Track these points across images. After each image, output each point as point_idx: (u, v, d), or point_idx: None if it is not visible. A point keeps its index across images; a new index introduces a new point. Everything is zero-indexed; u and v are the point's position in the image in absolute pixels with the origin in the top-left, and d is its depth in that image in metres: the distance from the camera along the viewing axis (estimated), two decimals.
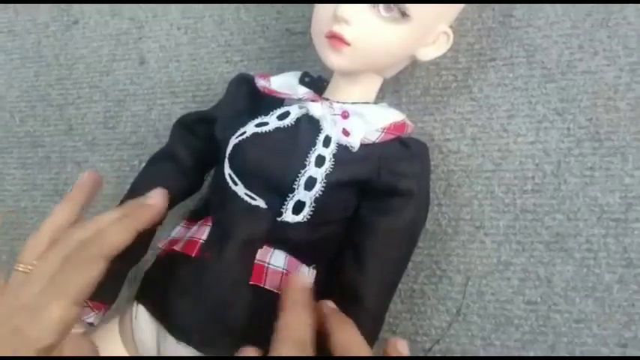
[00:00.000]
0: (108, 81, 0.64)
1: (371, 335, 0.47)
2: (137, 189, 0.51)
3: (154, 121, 0.61)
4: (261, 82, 0.50)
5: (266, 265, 0.45)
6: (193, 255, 0.46)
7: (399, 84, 0.55)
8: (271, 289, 0.45)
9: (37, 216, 0.63)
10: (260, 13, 0.61)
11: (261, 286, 0.45)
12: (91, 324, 0.46)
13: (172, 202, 0.52)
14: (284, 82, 0.50)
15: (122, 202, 0.51)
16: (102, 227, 0.43)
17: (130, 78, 0.63)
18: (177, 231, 0.51)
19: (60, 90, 0.65)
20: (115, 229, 0.43)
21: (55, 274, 0.40)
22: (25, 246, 0.44)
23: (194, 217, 0.50)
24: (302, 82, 0.50)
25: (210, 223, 0.48)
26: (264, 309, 0.45)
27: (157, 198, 0.46)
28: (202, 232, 0.47)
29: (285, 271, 0.46)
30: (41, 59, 0.66)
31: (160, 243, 0.50)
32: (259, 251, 0.46)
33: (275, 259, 0.46)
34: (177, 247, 0.48)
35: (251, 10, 0.61)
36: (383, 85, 0.51)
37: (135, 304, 0.47)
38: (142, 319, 0.46)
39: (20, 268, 0.42)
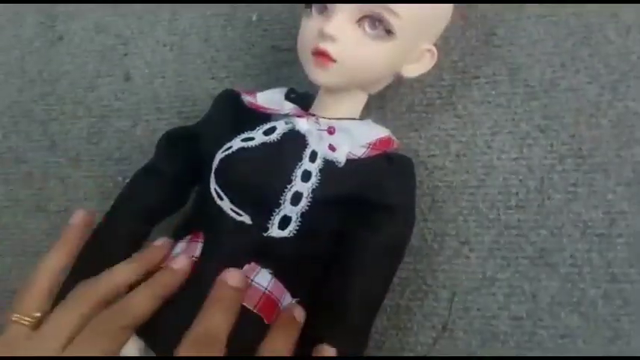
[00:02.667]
0: (92, 97, 0.63)
1: (355, 350, 0.46)
2: (121, 204, 0.51)
3: (138, 137, 0.61)
4: (247, 98, 0.51)
5: (250, 281, 0.45)
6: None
7: (384, 100, 0.56)
8: (247, 306, 0.44)
9: (18, 232, 0.62)
10: (246, 30, 0.61)
11: None
12: None
13: (156, 219, 0.52)
14: (270, 98, 0.50)
15: (106, 216, 0.51)
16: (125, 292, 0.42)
17: (115, 94, 0.63)
18: None
19: (43, 106, 0.65)
20: (143, 298, 0.42)
21: (74, 339, 0.38)
22: (20, 294, 0.42)
23: (178, 232, 0.50)
24: (288, 98, 0.50)
25: (200, 239, 0.47)
26: (242, 325, 0.44)
27: (183, 263, 0.45)
28: (194, 249, 0.47)
29: (267, 292, 0.45)
30: (25, 75, 0.66)
31: None
32: (246, 266, 0.45)
33: (260, 277, 0.45)
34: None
35: (237, 28, 0.61)
36: (368, 101, 0.51)
37: None
38: None
39: (23, 321, 0.41)
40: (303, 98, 0.51)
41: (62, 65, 0.65)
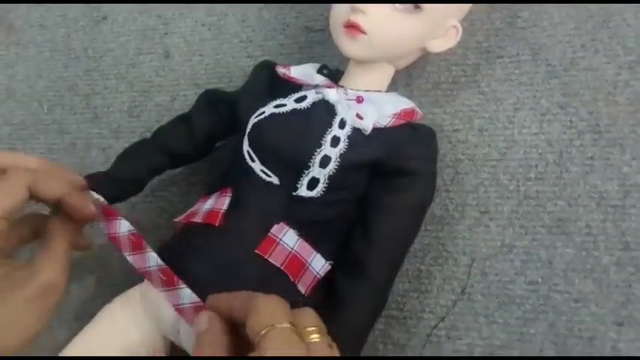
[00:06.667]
0: (134, 73, 0.67)
1: (375, 307, 0.49)
2: (153, 137, 0.56)
3: (177, 111, 0.63)
4: (281, 70, 0.54)
5: (278, 240, 0.48)
6: (217, 224, 0.48)
7: (411, 78, 0.58)
8: (275, 263, 0.47)
9: None
10: (281, 12, 0.64)
11: (265, 257, 0.47)
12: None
13: (176, 161, 0.56)
14: (303, 71, 0.54)
15: (138, 142, 0.57)
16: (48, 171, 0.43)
17: (155, 70, 0.66)
18: (195, 206, 0.53)
19: (87, 81, 0.68)
20: (52, 182, 0.42)
21: None
22: None
23: (210, 190, 0.53)
24: (320, 72, 0.53)
25: (229, 194, 0.50)
26: (270, 281, 0.47)
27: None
28: (222, 203, 0.50)
29: (293, 252, 0.48)
30: (70, 52, 0.70)
31: (176, 219, 0.53)
32: (275, 226, 0.48)
33: (288, 237, 0.48)
34: (196, 219, 0.50)
35: (272, 9, 0.65)
36: (396, 78, 0.54)
37: None
38: None
39: None
40: (334, 74, 0.54)
41: (106, 43, 0.69)
